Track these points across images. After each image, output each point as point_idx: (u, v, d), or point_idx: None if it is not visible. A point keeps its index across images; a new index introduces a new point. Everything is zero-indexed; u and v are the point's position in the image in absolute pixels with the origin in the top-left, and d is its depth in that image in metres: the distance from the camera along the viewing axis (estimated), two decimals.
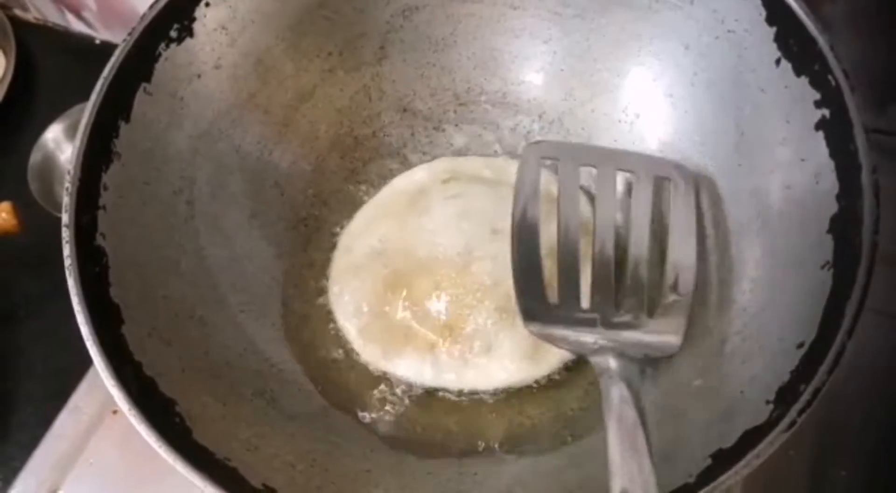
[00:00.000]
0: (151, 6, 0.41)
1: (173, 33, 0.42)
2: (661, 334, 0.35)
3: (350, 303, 0.44)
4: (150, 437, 0.33)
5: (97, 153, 0.38)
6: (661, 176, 0.41)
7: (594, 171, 0.42)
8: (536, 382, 0.43)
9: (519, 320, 0.41)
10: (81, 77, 0.55)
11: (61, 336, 0.54)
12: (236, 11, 0.44)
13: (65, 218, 0.37)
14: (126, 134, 0.40)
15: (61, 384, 0.52)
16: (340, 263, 0.46)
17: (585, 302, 0.38)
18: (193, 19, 0.43)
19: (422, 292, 0.43)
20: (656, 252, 0.40)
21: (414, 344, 0.43)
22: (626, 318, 0.36)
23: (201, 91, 0.43)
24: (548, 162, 0.44)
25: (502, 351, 0.42)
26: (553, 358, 0.42)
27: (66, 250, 0.36)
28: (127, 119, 0.40)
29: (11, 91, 0.67)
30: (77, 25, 0.71)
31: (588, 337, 0.36)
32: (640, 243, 0.39)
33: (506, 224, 0.43)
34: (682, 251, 0.38)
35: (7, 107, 0.66)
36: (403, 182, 0.49)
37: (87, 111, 0.38)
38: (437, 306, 0.43)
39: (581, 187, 0.44)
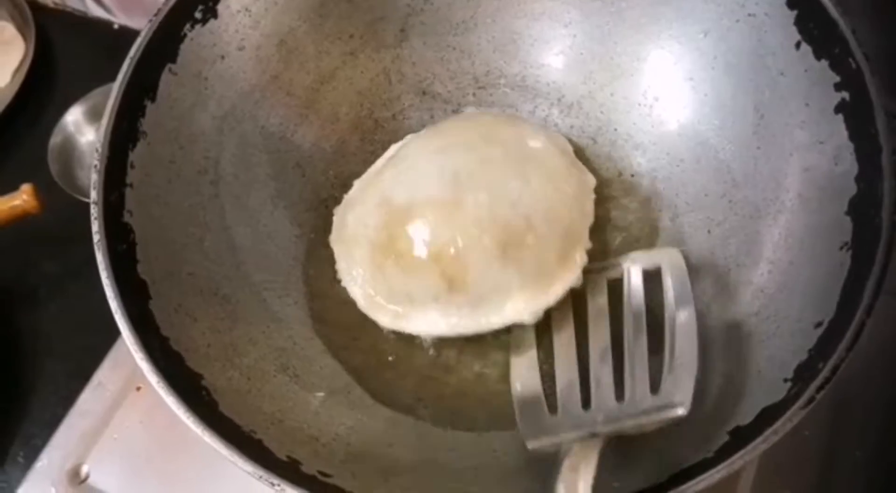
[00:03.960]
0: None
1: (198, 14, 0.42)
2: (664, 409, 0.34)
3: (357, 276, 0.43)
4: (178, 409, 0.33)
5: (124, 132, 0.39)
6: (648, 268, 0.41)
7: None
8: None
9: (524, 254, 0.40)
10: (100, 61, 0.55)
11: (82, 316, 0.55)
12: None
13: (93, 195, 0.37)
14: (152, 113, 0.40)
15: (82, 364, 0.53)
16: (337, 237, 0.45)
17: (588, 403, 0.37)
18: (217, 1, 0.43)
19: (412, 245, 0.40)
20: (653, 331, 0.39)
21: (420, 302, 0.41)
22: (629, 405, 0.35)
23: (225, 72, 0.44)
24: None
25: (510, 288, 0.40)
26: (559, 288, 0.40)
27: (95, 227, 0.37)
28: (153, 99, 0.41)
29: (31, 75, 0.67)
30: (96, 10, 0.72)
31: (586, 431, 0.34)
32: (636, 325, 0.38)
33: (498, 153, 0.41)
34: (680, 317, 0.37)
35: (27, 91, 0.67)
36: (393, 150, 0.47)
37: (114, 90, 0.39)
38: (431, 255, 0.40)
39: None
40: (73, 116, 0.64)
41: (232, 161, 0.44)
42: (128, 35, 0.70)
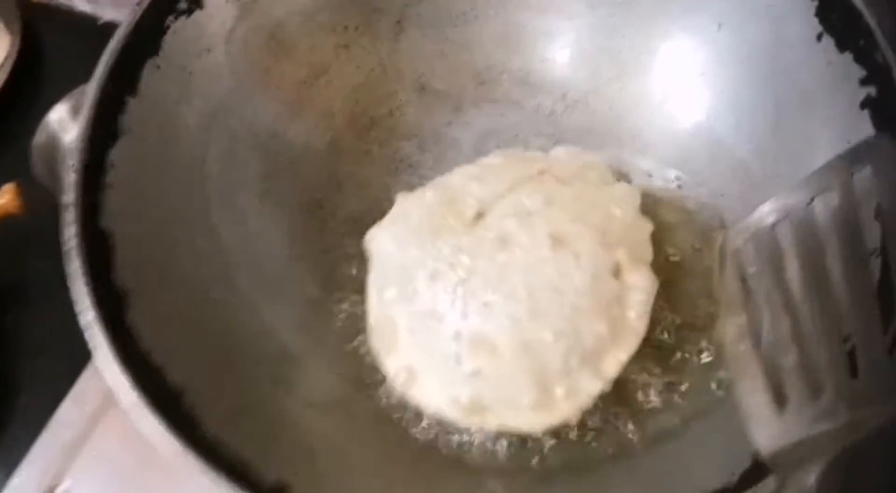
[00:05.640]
0: None
1: (182, 5, 0.41)
2: None
3: None
4: (156, 432, 0.31)
5: (103, 129, 0.38)
6: None
7: None
8: None
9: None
10: (86, 57, 0.53)
11: (68, 319, 0.52)
12: None
13: (68, 197, 0.36)
14: (134, 109, 0.39)
15: (69, 369, 0.51)
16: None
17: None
18: None
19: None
20: None
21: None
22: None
23: (211, 66, 0.43)
24: None
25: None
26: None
27: (70, 232, 0.35)
28: (134, 94, 0.39)
29: (16, 71, 0.66)
30: (82, 5, 0.70)
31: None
32: None
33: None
34: None
35: (12, 87, 0.65)
36: None
37: (91, 85, 0.38)
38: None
39: None
40: (58, 114, 0.60)
41: (219, 159, 0.43)
42: (114, 30, 0.68)
